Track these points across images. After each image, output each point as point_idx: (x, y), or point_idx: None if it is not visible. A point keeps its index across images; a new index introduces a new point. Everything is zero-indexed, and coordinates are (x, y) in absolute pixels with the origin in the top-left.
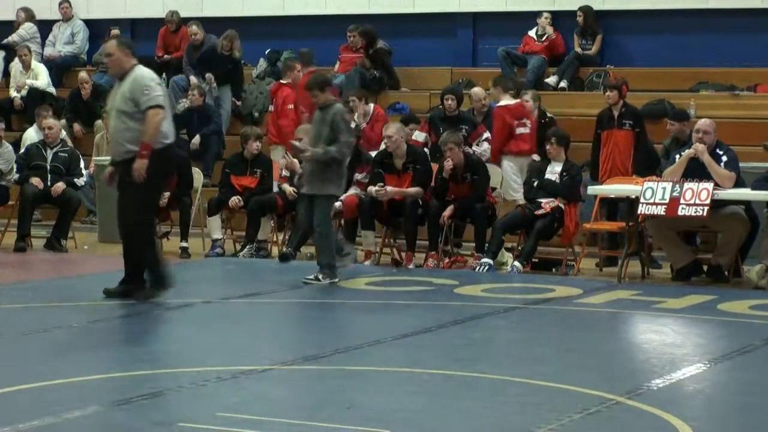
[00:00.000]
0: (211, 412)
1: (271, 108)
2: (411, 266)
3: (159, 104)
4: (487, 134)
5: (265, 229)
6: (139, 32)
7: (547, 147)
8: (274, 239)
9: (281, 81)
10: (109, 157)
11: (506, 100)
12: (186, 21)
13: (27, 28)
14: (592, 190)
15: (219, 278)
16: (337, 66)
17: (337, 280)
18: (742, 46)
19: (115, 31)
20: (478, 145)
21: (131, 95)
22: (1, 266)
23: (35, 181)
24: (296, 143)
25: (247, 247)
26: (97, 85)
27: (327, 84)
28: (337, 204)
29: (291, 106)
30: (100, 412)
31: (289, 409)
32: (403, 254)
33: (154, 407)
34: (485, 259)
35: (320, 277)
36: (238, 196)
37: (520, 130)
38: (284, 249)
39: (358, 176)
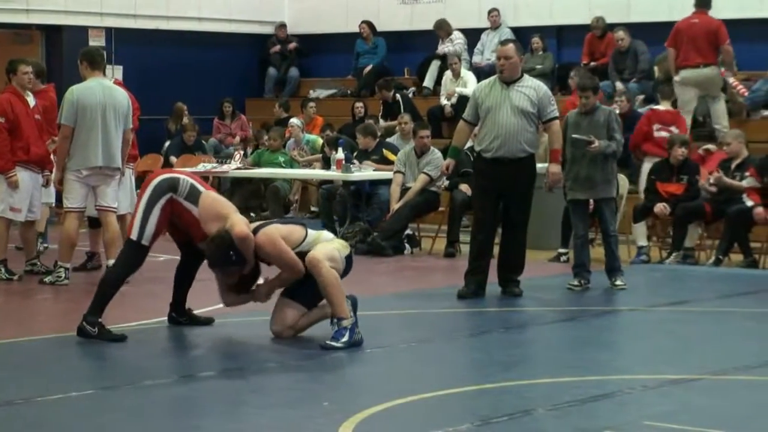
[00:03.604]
0: (637, 420)
1: None
2: None
3: None
4: None
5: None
6: (564, 39)
7: None
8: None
9: None
10: None
11: None
12: (612, 27)
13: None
14: None
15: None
16: None
17: None
18: None
19: None
20: None
21: None
22: None
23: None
24: None
25: (673, 254)
26: None
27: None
28: None
29: None
30: (540, 415)
31: (717, 420)
32: None
33: (579, 413)
34: None
35: None
36: (665, 203)
37: None
38: None
39: None
